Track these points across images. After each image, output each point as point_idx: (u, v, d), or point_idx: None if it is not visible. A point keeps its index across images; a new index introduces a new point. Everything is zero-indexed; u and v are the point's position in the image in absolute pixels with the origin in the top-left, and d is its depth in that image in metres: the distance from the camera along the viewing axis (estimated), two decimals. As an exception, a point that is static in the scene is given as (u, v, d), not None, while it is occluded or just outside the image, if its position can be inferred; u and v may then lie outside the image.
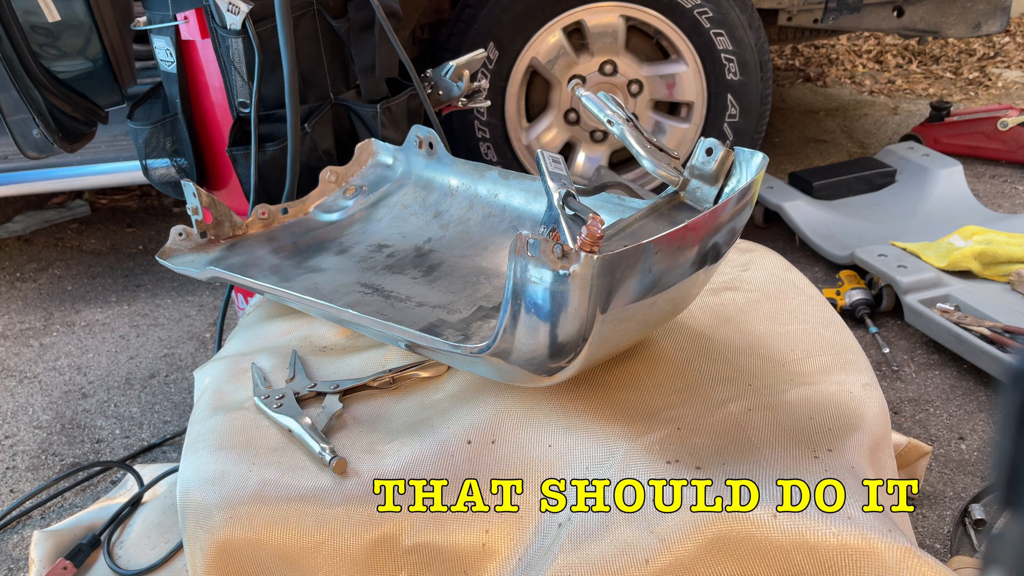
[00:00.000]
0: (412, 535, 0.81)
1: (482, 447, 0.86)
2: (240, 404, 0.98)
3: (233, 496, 0.82)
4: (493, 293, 1.08)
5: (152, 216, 2.91)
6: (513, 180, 1.22)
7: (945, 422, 1.66)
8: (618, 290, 0.78)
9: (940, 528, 1.41)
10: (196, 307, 2.29)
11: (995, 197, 2.64)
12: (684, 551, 0.76)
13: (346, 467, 0.85)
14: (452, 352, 0.86)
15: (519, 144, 2.46)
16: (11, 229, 2.81)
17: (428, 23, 2.62)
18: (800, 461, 0.83)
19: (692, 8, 2.31)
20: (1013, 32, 4.19)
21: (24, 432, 1.78)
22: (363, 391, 0.98)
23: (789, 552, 0.75)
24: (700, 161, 1.00)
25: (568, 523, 0.80)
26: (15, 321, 2.29)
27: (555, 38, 2.36)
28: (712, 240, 0.87)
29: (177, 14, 1.39)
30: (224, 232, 1.25)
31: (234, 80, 1.36)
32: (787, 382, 0.95)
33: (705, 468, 0.81)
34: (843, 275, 2.16)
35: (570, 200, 0.87)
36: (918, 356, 1.89)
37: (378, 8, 1.34)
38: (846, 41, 4.26)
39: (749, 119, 2.44)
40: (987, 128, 2.84)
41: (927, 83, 3.76)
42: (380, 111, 1.38)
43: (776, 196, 2.49)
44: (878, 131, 3.27)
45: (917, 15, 2.56)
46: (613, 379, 0.94)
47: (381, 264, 1.18)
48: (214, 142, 1.50)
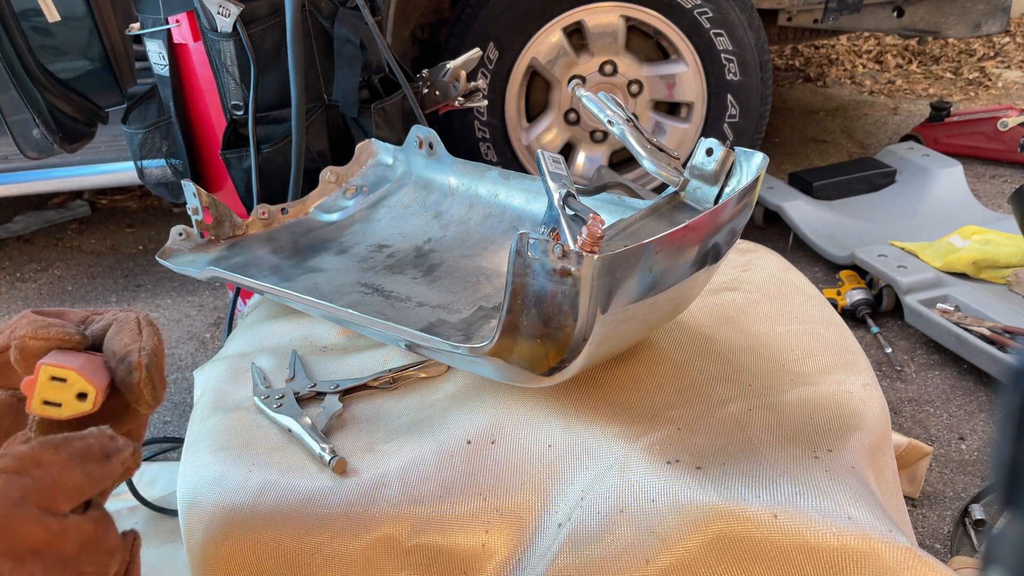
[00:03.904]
0: (412, 535, 0.81)
1: (482, 447, 0.86)
2: (240, 404, 0.98)
3: (233, 496, 0.82)
4: (493, 293, 1.08)
5: (152, 216, 2.91)
6: (513, 180, 1.22)
7: (945, 422, 1.66)
8: (618, 290, 0.78)
9: (940, 528, 1.41)
10: (196, 307, 2.29)
11: (995, 197, 2.64)
12: (684, 551, 0.76)
13: (346, 467, 0.85)
14: (452, 352, 0.86)
15: (519, 144, 2.46)
16: (11, 229, 2.81)
17: (428, 23, 2.62)
18: (800, 461, 0.83)
19: (692, 8, 2.31)
20: (1013, 32, 4.19)
21: (24, 432, 1.78)
22: (363, 391, 0.98)
23: (789, 552, 0.75)
24: (700, 161, 1.00)
25: (568, 523, 0.80)
26: (15, 321, 2.28)
27: (555, 38, 2.36)
28: (712, 240, 0.87)
29: (168, 18, 1.39)
30: (224, 232, 1.25)
31: (227, 83, 1.36)
32: (787, 382, 0.95)
33: (705, 468, 0.81)
34: (843, 275, 2.16)
35: (570, 200, 0.87)
36: (918, 356, 1.88)
37: (364, 7, 1.33)
38: (846, 41, 4.26)
39: (749, 119, 2.44)
40: (987, 128, 2.84)
41: (927, 83, 3.76)
42: (374, 111, 1.38)
43: (776, 196, 2.49)
44: (878, 131, 3.27)
45: (917, 15, 2.56)
46: (613, 379, 0.94)
47: (381, 264, 1.18)
48: (209, 145, 1.50)
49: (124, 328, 0.58)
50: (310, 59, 1.35)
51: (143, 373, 0.56)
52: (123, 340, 0.57)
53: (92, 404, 0.54)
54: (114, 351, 0.56)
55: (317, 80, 1.38)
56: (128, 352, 0.56)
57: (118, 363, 0.56)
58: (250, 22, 1.30)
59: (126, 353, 0.56)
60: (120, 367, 0.56)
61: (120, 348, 0.56)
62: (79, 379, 0.53)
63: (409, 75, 1.45)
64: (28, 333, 0.54)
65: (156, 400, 0.57)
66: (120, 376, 0.56)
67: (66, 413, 0.53)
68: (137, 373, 0.55)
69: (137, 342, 0.57)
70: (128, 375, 0.56)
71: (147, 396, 0.56)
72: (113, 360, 0.56)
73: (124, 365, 0.56)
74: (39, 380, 0.53)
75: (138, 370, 0.55)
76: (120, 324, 0.58)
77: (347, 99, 1.38)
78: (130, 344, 0.56)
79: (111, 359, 0.56)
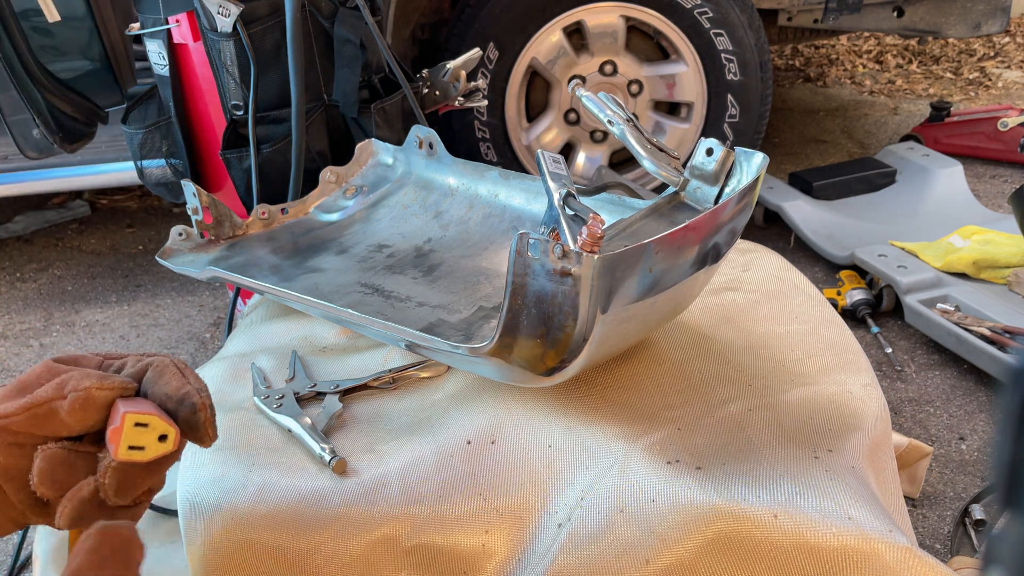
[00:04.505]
0: (412, 535, 0.81)
1: (482, 447, 0.86)
2: (240, 404, 0.98)
3: (233, 496, 0.82)
4: (493, 293, 1.08)
5: (152, 216, 2.91)
6: (513, 180, 1.22)
7: (945, 422, 1.66)
8: (618, 290, 0.78)
9: (940, 528, 1.41)
10: (196, 307, 2.29)
11: (995, 197, 2.64)
12: (684, 551, 0.76)
13: (346, 467, 0.85)
14: (452, 352, 0.86)
15: (519, 144, 2.46)
16: (11, 229, 2.81)
17: (428, 23, 2.62)
18: (800, 461, 0.83)
19: (692, 8, 2.31)
20: (1013, 32, 4.19)
21: (24, 432, 1.78)
22: (363, 391, 0.98)
23: (789, 552, 0.75)
24: (700, 161, 1.00)
25: (568, 523, 0.80)
26: (15, 321, 2.29)
27: (555, 38, 2.36)
28: (712, 240, 0.87)
29: (168, 18, 1.39)
30: (224, 232, 1.25)
31: (226, 83, 1.36)
32: (787, 382, 0.95)
33: (705, 468, 0.81)
34: (843, 275, 2.16)
35: (570, 200, 0.87)
36: (918, 356, 1.88)
37: (364, 7, 1.33)
38: (846, 41, 4.26)
39: (749, 119, 2.44)
40: (987, 128, 2.84)
41: (927, 83, 3.76)
42: (374, 111, 1.38)
43: (776, 196, 2.49)
44: (878, 131, 3.27)
45: (917, 15, 2.56)
46: (613, 379, 0.94)
47: (381, 264, 1.18)
48: (209, 145, 1.50)
49: (166, 372, 0.61)
50: (310, 59, 1.35)
51: (207, 413, 0.60)
52: (172, 383, 0.60)
53: (173, 444, 0.58)
54: (167, 394, 0.60)
55: (317, 80, 1.38)
56: (186, 394, 0.60)
57: (178, 405, 0.59)
58: (250, 22, 1.30)
59: (183, 395, 0.60)
60: (182, 408, 0.59)
61: (174, 391, 0.60)
62: (161, 423, 0.57)
63: (409, 75, 1.45)
64: (94, 384, 0.57)
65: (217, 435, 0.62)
66: (183, 416, 0.59)
67: (150, 455, 0.57)
68: (202, 413, 0.60)
69: (188, 384, 0.60)
70: (193, 415, 0.59)
71: (212, 433, 0.61)
72: (171, 403, 0.60)
73: (186, 406, 0.59)
74: (125, 427, 0.56)
75: (203, 410, 0.60)
76: (159, 368, 0.62)
77: (347, 99, 1.38)
78: (182, 387, 0.60)
79: (167, 402, 0.60)
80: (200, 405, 0.59)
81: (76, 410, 0.57)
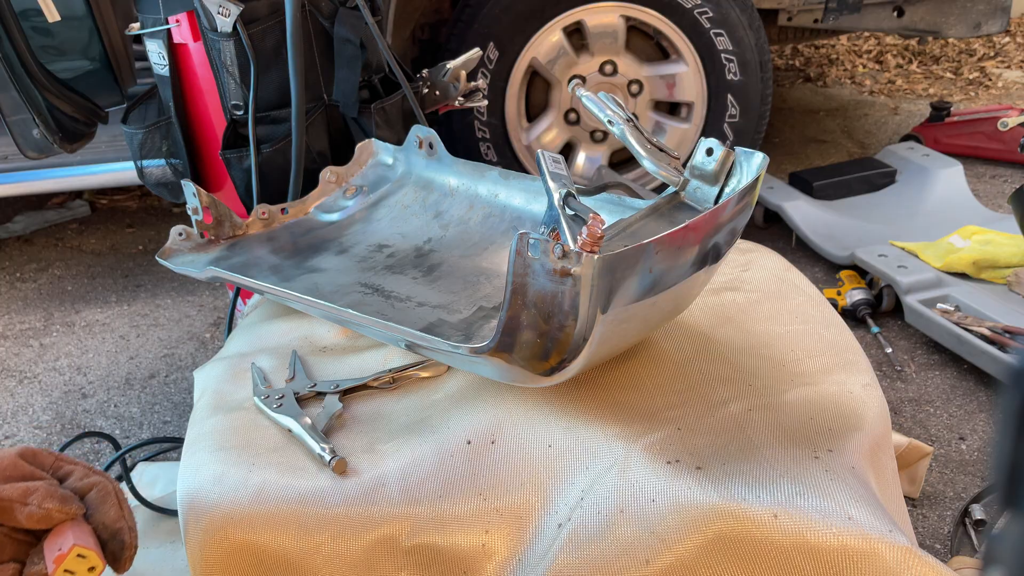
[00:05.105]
0: (412, 535, 0.81)
1: (482, 447, 0.86)
2: (240, 404, 0.98)
3: (233, 496, 0.82)
4: (493, 293, 1.08)
5: (152, 216, 2.91)
6: (513, 180, 1.22)
7: (945, 422, 1.66)
8: (618, 290, 0.78)
9: (940, 528, 1.41)
10: (196, 307, 2.29)
11: (995, 197, 2.64)
12: (684, 551, 0.76)
13: (346, 467, 0.85)
14: (452, 352, 0.86)
15: (519, 144, 2.46)
16: (11, 229, 2.81)
17: (428, 23, 2.62)
18: (800, 461, 0.83)
19: (692, 8, 2.31)
20: (1013, 32, 4.19)
21: (24, 432, 1.78)
22: (363, 391, 0.98)
23: (789, 552, 0.75)
24: (700, 161, 1.00)
25: (568, 523, 0.80)
26: (15, 321, 2.29)
27: (555, 38, 2.36)
28: (712, 240, 0.87)
29: (168, 18, 1.39)
30: (224, 232, 1.25)
31: (226, 83, 1.36)
32: (787, 382, 0.95)
33: (705, 468, 0.81)
34: (843, 275, 2.16)
35: (570, 200, 0.87)
36: (918, 356, 1.88)
37: (364, 7, 1.33)
38: (846, 41, 4.26)
39: (749, 119, 2.44)
40: (987, 128, 2.83)
41: (927, 83, 3.76)
42: (374, 111, 1.38)
43: (776, 196, 2.49)
44: (878, 131, 3.27)
45: (917, 15, 2.56)
46: (613, 379, 0.94)
47: (381, 264, 1.18)
48: (209, 145, 1.49)
49: (108, 499, 0.69)
50: (310, 59, 1.35)
51: (132, 552, 0.68)
52: (111, 514, 0.68)
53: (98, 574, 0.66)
54: (104, 524, 0.68)
55: (317, 80, 1.37)
56: (119, 529, 0.68)
57: (110, 537, 0.68)
58: (250, 22, 1.30)
59: (117, 530, 0.68)
60: (113, 542, 0.68)
61: (111, 522, 0.68)
62: (96, 559, 0.65)
63: (409, 75, 1.45)
64: (55, 508, 0.65)
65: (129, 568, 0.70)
66: (111, 549, 0.68)
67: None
68: (128, 552, 0.68)
69: (122, 521, 0.68)
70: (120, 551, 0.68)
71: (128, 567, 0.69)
72: (106, 533, 0.68)
73: (117, 541, 0.68)
74: (69, 556, 0.63)
75: (129, 549, 0.68)
76: (102, 494, 0.69)
77: (347, 99, 1.38)
78: (118, 520, 0.68)
79: (103, 531, 0.68)
80: (127, 544, 0.68)
81: (33, 521, 0.65)
